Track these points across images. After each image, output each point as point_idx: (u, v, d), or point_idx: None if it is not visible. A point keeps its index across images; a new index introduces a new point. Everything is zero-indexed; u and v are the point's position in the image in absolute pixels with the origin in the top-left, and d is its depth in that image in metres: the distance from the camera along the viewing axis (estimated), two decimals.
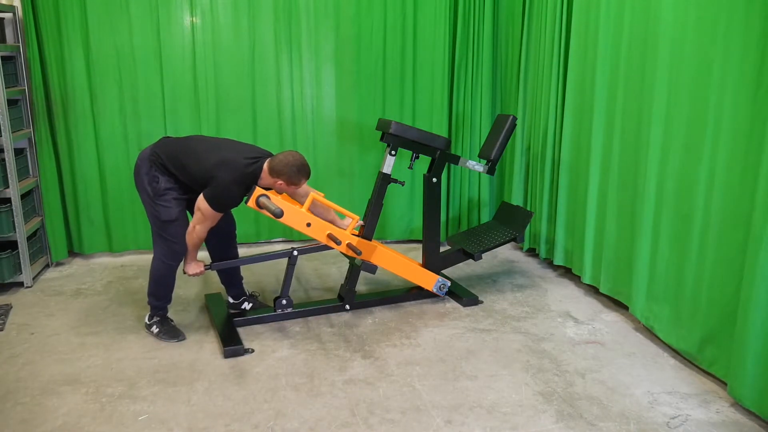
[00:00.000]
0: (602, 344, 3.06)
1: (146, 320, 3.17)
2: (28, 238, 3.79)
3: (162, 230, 2.97)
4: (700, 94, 2.68)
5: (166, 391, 2.61)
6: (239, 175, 2.86)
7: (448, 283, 3.58)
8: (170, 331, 3.11)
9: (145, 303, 3.26)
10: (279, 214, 2.88)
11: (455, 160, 3.50)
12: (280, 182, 2.91)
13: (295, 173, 2.88)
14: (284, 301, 3.26)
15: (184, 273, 3.10)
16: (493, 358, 2.91)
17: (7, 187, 3.64)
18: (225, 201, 2.88)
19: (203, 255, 4.40)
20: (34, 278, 3.83)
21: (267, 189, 3.00)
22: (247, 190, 2.93)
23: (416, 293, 3.60)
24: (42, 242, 4.06)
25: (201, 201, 2.86)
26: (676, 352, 2.92)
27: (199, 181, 2.89)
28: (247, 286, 3.60)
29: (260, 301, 3.47)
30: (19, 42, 3.92)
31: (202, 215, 2.88)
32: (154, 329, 3.12)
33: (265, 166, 2.92)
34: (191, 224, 2.95)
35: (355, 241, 3.26)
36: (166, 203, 2.93)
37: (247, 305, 3.37)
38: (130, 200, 4.23)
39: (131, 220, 4.28)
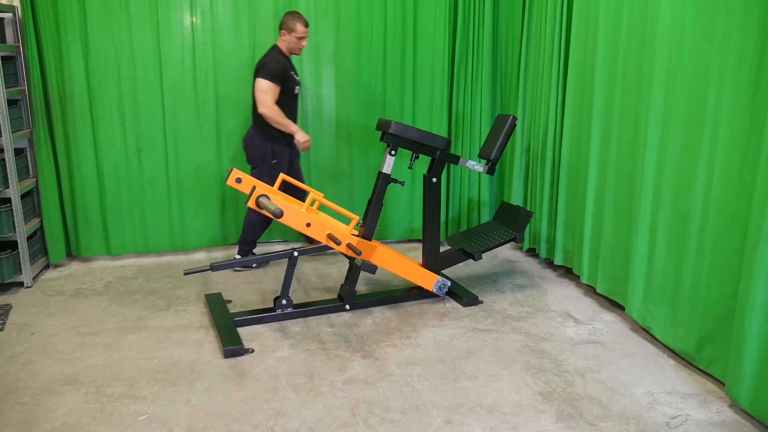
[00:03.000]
0: (602, 344, 3.06)
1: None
2: (28, 239, 3.79)
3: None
4: (698, 95, 2.68)
5: (166, 391, 2.61)
6: (274, 52, 3.81)
7: (448, 283, 3.58)
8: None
9: (146, 302, 3.33)
10: (279, 215, 2.89)
11: (455, 160, 3.50)
12: (284, 33, 3.79)
13: (290, 18, 3.74)
14: (284, 301, 3.26)
15: (298, 144, 3.90)
16: (493, 358, 2.91)
17: (7, 187, 3.64)
18: (276, 69, 3.72)
19: (203, 257, 4.41)
20: (34, 278, 3.83)
21: (291, 55, 3.90)
22: (285, 62, 3.82)
23: (416, 293, 3.60)
24: (41, 242, 4.05)
25: (257, 84, 3.71)
26: (674, 353, 2.93)
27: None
28: (248, 286, 3.60)
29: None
30: (19, 42, 3.91)
31: (262, 92, 3.70)
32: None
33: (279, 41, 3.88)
34: (261, 106, 3.73)
35: (354, 241, 3.26)
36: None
37: None
38: (129, 203, 4.21)
39: (129, 223, 4.24)
